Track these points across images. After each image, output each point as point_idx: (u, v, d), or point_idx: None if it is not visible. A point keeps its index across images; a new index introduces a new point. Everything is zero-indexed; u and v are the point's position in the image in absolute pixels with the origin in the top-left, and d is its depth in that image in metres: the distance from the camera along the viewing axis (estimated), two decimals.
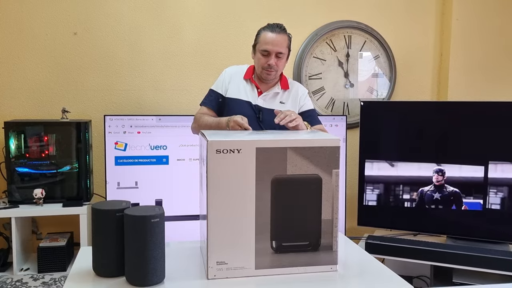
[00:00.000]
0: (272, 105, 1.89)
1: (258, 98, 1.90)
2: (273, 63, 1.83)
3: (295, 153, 1.19)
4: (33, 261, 2.41)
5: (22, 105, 2.60)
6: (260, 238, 1.19)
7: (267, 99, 1.91)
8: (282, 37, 1.83)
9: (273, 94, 1.92)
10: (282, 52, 1.84)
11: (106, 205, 1.20)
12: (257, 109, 1.88)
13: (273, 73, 1.86)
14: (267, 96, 1.91)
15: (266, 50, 1.83)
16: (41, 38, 2.59)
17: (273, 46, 1.82)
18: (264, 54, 1.83)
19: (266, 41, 1.83)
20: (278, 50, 1.82)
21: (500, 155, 2.32)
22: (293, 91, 1.96)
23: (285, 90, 1.94)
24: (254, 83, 1.92)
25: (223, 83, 1.95)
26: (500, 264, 2.12)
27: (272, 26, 1.86)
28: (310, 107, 1.99)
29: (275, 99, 1.92)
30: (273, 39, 1.82)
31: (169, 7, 2.69)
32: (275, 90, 1.92)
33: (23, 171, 2.37)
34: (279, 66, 1.86)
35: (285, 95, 1.94)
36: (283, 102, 1.92)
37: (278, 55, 1.84)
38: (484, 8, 2.90)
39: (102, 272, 1.19)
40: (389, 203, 2.53)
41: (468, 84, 2.92)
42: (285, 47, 1.85)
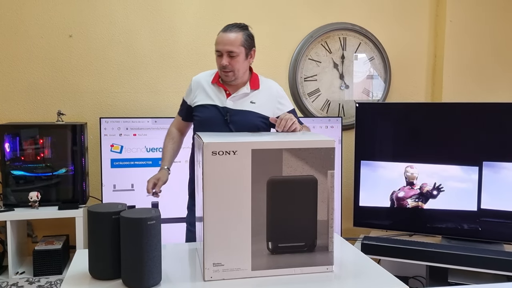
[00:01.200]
0: (243, 105, 1.83)
1: (227, 100, 1.83)
2: (225, 63, 1.75)
3: (290, 155, 1.20)
4: (29, 264, 2.39)
5: (17, 107, 2.59)
6: (256, 239, 1.20)
7: (236, 100, 1.83)
8: (233, 35, 1.75)
9: (242, 95, 1.84)
10: (233, 51, 1.74)
11: (102, 208, 1.20)
12: (225, 111, 1.82)
13: (230, 73, 1.78)
14: (236, 98, 1.84)
15: (218, 50, 1.77)
16: (37, 41, 2.58)
17: (224, 45, 1.75)
18: (218, 54, 1.78)
19: (217, 41, 1.78)
20: (228, 49, 1.74)
21: (494, 155, 2.34)
22: (265, 91, 1.89)
23: (255, 89, 1.86)
24: (221, 86, 1.85)
25: (190, 92, 1.91)
26: (495, 264, 2.13)
27: (227, 25, 1.79)
28: (289, 107, 1.93)
29: (244, 99, 1.85)
30: (223, 39, 1.75)
31: (164, 9, 2.70)
32: (244, 91, 1.84)
33: (18, 174, 2.36)
34: (234, 66, 1.77)
35: (255, 95, 1.86)
36: (254, 102, 1.85)
37: (231, 55, 1.75)
38: (477, 10, 2.93)
39: (98, 275, 1.19)
40: (384, 204, 2.54)
41: (462, 85, 2.95)
42: (238, 46, 1.75)
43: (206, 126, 1.81)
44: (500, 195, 2.34)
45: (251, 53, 1.83)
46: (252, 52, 1.84)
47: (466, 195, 2.39)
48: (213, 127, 1.80)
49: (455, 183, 2.42)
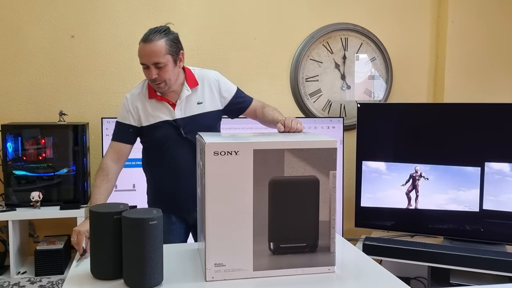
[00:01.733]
0: (192, 110, 1.73)
1: (174, 111, 1.72)
2: (153, 76, 1.63)
3: (292, 155, 1.20)
4: (30, 264, 2.40)
5: (19, 107, 2.60)
6: (258, 239, 1.20)
7: (183, 108, 1.73)
8: (155, 46, 1.61)
9: (186, 100, 1.73)
10: (160, 62, 1.62)
11: (104, 208, 1.20)
12: (176, 123, 1.72)
13: (162, 84, 1.66)
14: (182, 105, 1.73)
15: (142, 63, 1.64)
16: (39, 41, 2.59)
17: (147, 58, 1.61)
18: (144, 67, 1.65)
19: (139, 54, 1.64)
20: (153, 60, 1.61)
21: (496, 156, 2.33)
22: (205, 85, 1.77)
23: (195, 87, 1.75)
24: (162, 99, 1.72)
25: (129, 112, 1.75)
26: (497, 264, 2.13)
27: (148, 33, 1.64)
28: (234, 89, 1.81)
29: (190, 102, 1.74)
30: (144, 50, 1.62)
31: (165, 10, 2.70)
32: (186, 94, 1.72)
33: (20, 174, 2.37)
34: (164, 76, 1.64)
35: (198, 93, 1.75)
36: (200, 102, 1.74)
37: (158, 66, 1.62)
38: (479, 11, 2.92)
39: (99, 275, 1.19)
40: (386, 205, 2.54)
41: (463, 86, 2.94)
42: (163, 55, 1.62)
43: (163, 146, 1.74)
44: (502, 196, 2.33)
45: (179, 57, 1.70)
46: (181, 56, 1.72)
47: (468, 196, 2.38)
48: (170, 145, 1.73)
49: (457, 183, 2.41)
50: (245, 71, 2.83)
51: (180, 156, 1.76)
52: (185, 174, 1.75)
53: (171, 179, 1.80)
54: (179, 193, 1.79)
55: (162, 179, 1.84)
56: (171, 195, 1.81)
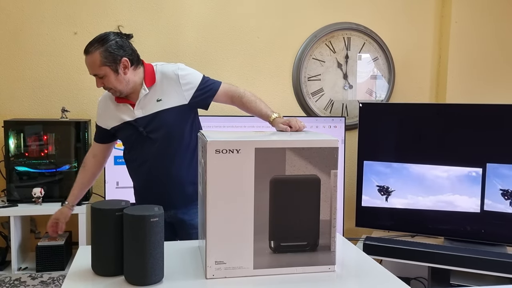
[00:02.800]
0: (152, 109, 1.72)
1: (134, 111, 1.72)
2: (98, 85, 1.69)
3: (293, 154, 1.20)
4: (32, 260, 2.40)
5: (22, 104, 2.60)
6: (259, 238, 1.20)
7: (144, 108, 1.72)
8: (91, 58, 1.64)
9: (143, 99, 1.72)
10: (98, 74, 1.65)
11: (106, 205, 1.20)
12: (137, 123, 1.73)
13: (112, 91, 1.70)
14: (141, 104, 1.73)
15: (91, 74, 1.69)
16: (42, 38, 2.59)
17: (89, 69, 1.67)
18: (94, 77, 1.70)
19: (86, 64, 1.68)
20: (92, 72, 1.67)
21: (498, 157, 2.33)
22: (164, 81, 1.73)
23: (152, 85, 1.72)
24: (122, 101, 1.75)
25: (100, 115, 1.84)
26: (497, 266, 2.12)
27: (89, 43, 1.67)
28: (197, 80, 1.74)
29: (149, 101, 1.72)
30: (85, 61, 1.67)
31: (168, 7, 2.70)
32: (143, 93, 1.72)
33: (22, 170, 2.37)
34: (108, 85, 1.67)
35: (157, 90, 1.72)
36: (160, 99, 1.71)
37: (98, 76, 1.66)
38: (483, 11, 2.91)
39: (101, 271, 1.20)
40: (387, 205, 2.54)
41: (466, 87, 2.94)
42: (99, 67, 1.63)
43: (129, 145, 1.80)
44: (503, 197, 2.33)
45: (120, 65, 1.66)
46: (124, 63, 1.67)
47: (469, 197, 2.38)
48: (134, 144, 1.78)
49: (458, 184, 2.41)
50: (247, 69, 2.83)
51: (147, 156, 1.77)
52: (155, 173, 1.77)
53: (143, 179, 1.83)
54: (152, 193, 1.81)
55: (136, 178, 1.88)
56: (145, 195, 1.84)
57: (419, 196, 2.49)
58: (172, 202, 1.79)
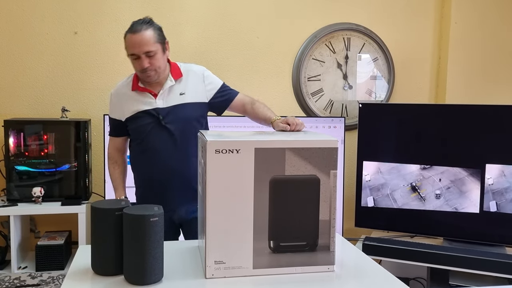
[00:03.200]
0: (174, 101, 1.77)
1: (156, 101, 1.77)
2: (145, 65, 1.68)
3: (293, 154, 1.20)
4: (31, 259, 2.41)
5: (22, 103, 2.61)
6: (258, 238, 1.20)
7: (165, 98, 1.77)
8: (145, 35, 1.67)
9: (168, 90, 1.78)
10: (151, 50, 1.68)
11: (105, 204, 1.21)
12: (157, 112, 1.76)
13: (153, 73, 1.72)
14: (164, 95, 1.77)
15: (133, 54, 1.69)
16: (42, 37, 2.59)
17: (139, 48, 1.67)
18: (134, 58, 1.70)
19: (129, 45, 1.69)
20: (145, 49, 1.67)
21: (497, 158, 2.33)
22: (189, 77, 1.81)
23: (179, 79, 1.80)
24: (144, 90, 1.78)
25: (115, 107, 1.84)
26: (496, 266, 2.13)
27: (134, 24, 1.70)
28: (219, 83, 1.86)
29: (173, 93, 1.78)
30: (135, 41, 1.66)
31: (168, 7, 2.70)
32: (169, 85, 1.77)
33: (22, 169, 2.38)
34: (155, 65, 1.71)
35: (181, 84, 1.80)
36: (183, 93, 1.78)
37: (149, 55, 1.68)
38: (482, 12, 2.92)
39: (100, 271, 1.20)
40: (386, 205, 2.54)
41: (466, 87, 2.94)
42: (154, 43, 1.68)
43: (142, 135, 1.79)
44: (502, 197, 2.33)
45: (166, 46, 1.77)
46: (166, 45, 1.78)
47: (468, 197, 2.39)
48: (150, 134, 1.77)
49: (457, 184, 2.41)
50: (247, 69, 2.83)
51: (162, 146, 1.78)
52: (168, 164, 1.78)
53: (152, 172, 1.81)
54: (162, 188, 1.80)
55: (144, 172, 1.85)
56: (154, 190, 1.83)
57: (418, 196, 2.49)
58: (181, 196, 1.80)
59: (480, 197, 2.36)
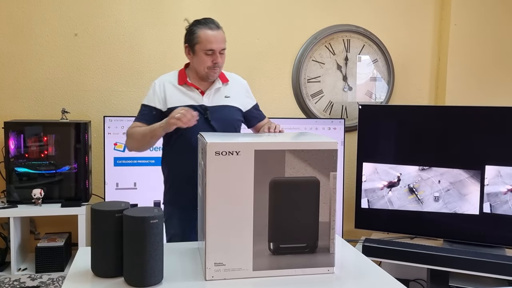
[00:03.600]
0: (219, 101, 1.84)
1: (203, 98, 1.82)
2: (219, 60, 1.79)
3: (293, 156, 1.20)
4: (31, 261, 2.41)
5: (22, 105, 2.61)
6: (258, 239, 1.20)
7: (211, 97, 1.84)
8: (221, 33, 1.80)
9: (215, 91, 1.85)
10: (224, 48, 1.82)
11: (105, 206, 1.21)
12: (203, 109, 1.80)
13: (218, 70, 1.82)
14: (211, 94, 1.84)
15: (211, 49, 1.76)
16: (42, 39, 2.59)
17: (218, 44, 1.77)
18: (208, 53, 1.77)
19: (209, 40, 1.76)
20: (222, 46, 1.80)
21: (497, 159, 2.33)
22: (234, 84, 1.91)
23: (226, 83, 1.88)
24: (192, 86, 1.83)
25: (155, 95, 1.84)
26: (496, 268, 2.13)
27: (207, 23, 1.79)
28: (254, 101, 1.97)
29: (219, 94, 1.86)
30: (215, 37, 1.77)
31: (168, 9, 2.71)
32: (216, 86, 1.85)
33: (22, 171, 2.38)
34: (223, 62, 1.83)
35: (227, 88, 1.88)
36: (228, 96, 1.86)
37: (221, 52, 1.80)
38: (482, 14, 2.92)
39: (100, 273, 1.20)
40: (386, 207, 2.55)
41: (465, 89, 2.94)
42: (225, 42, 1.82)
43: (186, 128, 1.75)
44: (502, 199, 2.33)
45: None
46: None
47: (468, 199, 2.39)
48: (194, 128, 1.73)
49: (457, 186, 2.41)
50: (247, 71, 2.83)
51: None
52: None
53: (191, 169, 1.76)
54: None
55: (182, 170, 1.82)
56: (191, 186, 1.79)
57: (418, 198, 2.49)
58: None
59: (480, 198, 2.36)
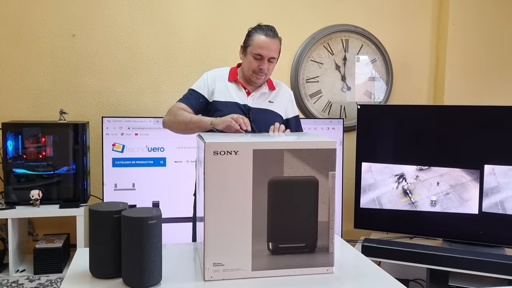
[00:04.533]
0: (262, 104, 1.86)
1: (247, 99, 1.86)
2: (265, 68, 1.80)
3: (291, 155, 1.20)
4: (29, 262, 2.40)
5: (20, 106, 2.60)
6: (257, 239, 1.20)
7: (255, 100, 1.87)
8: (275, 42, 1.82)
9: (260, 94, 1.89)
10: (275, 57, 1.83)
11: (104, 207, 1.20)
12: (247, 109, 1.83)
13: (263, 77, 1.84)
14: (255, 97, 1.87)
15: (259, 54, 1.79)
16: (40, 40, 2.59)
17: (268, 51, 1.79)
18: (256, 58, 1.80)
19: (260, 45, 1.79)
20: (272, 55, 1.81)
21: (496, 159, 2.34)
22: (280, 92, 1.95)
23: (272, 90, 1.92)
24: (241, 84, 1.88)
25: (206, 85, 1.88)
26: (496, 267, 2.13)
27: (265, 29, 1.82)
28: (296, 113, 2.00)
29: (263, 99, 1.89)
30: (267, 44, 1.79)
31: (167, 9, 2.70)
32: (263, 91, 1.89)
33: (20, 172, 2.37)
34: (269, 71, 1.85)
35: (272, 95, 1.92)
36: (272, 101, 1.90)
37: (270, 60, 1.82)
38: (480, 13, 2.93)
39: (98, 274, 1.19)
40: (385, 206, 2.54)
41: (463, 88, 2.95)
42: (277, 52, 1.84)
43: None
44: (501, 198, 2.33)
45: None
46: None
47: (467, 198, 2.39)
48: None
49: (456, 186, 2.41)
50: None
51: None
52: None
53: None
54: None
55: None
56: None
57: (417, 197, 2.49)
58: None
59: (479, 198, 2.36)
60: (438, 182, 2.45)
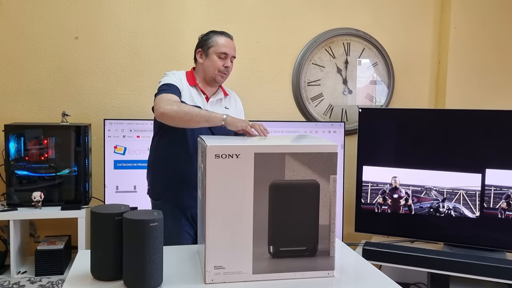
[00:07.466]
0: (219, 110, 1.90)
1: (207, 104, 1.90)
2: (230, 66, 1.90)
3: (293, 159, 1.20)
4: (31, 264, 2.40)
5: (23, 108, 2.61)
6: (258, 243, 1.20)
7: (213, 105, 1.93)
8: (233, 43, 1.94)
9: (217, 100, 1.95)
10: (235, 57, 1.94)
11: (105, 209, 1.21)
12: None
13: (226, 76, 1.92)
14: (213, 102, 1.93)
15: (224, 53, 1.88)
16: (43, 42, 2.60)
17: (231, 50, 1.90)
18: (221, 56, 1.88)
19: (224, 44, 1.89)
20: (233, 54, 1.92)
21: (497, 163, 2.33)
22: (232, 99, 2.04)
23: (226, 96, 2.00)
24: (200, 89, 1.92)
25: (179, 82, 1.86)
26: (497, 272, 2.12)
27: (222, 32, 1.93)
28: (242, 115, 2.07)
29: (220, 105, 1.96)
30: (229, 44, 1.91)
31: (168, 12, 2.71)
32: (219, 96, 1.96)
33: (22, 174, 2.38)
34: (231, 69, 1.94)
35: (227, 101, 2.00)
36: (227, 107, 1.97)
37: (231, 59, 1.92)
38: (481, 17, 2.93)
39: (100, 276, 1.20)
40: (386, 210, 2.54)
41: (465, 92, 2.95)
42: (236, 52, 1.95)
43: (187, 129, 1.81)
44: (503, 202, 2.33)
45: None
46: None
47: (468, 202, 2.38)
48: (194, 131, 1.79)
49: (458, 190, 2.41)
50: (247, 74, 2.84)
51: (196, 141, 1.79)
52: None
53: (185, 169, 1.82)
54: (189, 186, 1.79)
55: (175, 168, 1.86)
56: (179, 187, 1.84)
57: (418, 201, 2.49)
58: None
59: (480, 202, 2.36)
60: (439, 186, 2.44)
